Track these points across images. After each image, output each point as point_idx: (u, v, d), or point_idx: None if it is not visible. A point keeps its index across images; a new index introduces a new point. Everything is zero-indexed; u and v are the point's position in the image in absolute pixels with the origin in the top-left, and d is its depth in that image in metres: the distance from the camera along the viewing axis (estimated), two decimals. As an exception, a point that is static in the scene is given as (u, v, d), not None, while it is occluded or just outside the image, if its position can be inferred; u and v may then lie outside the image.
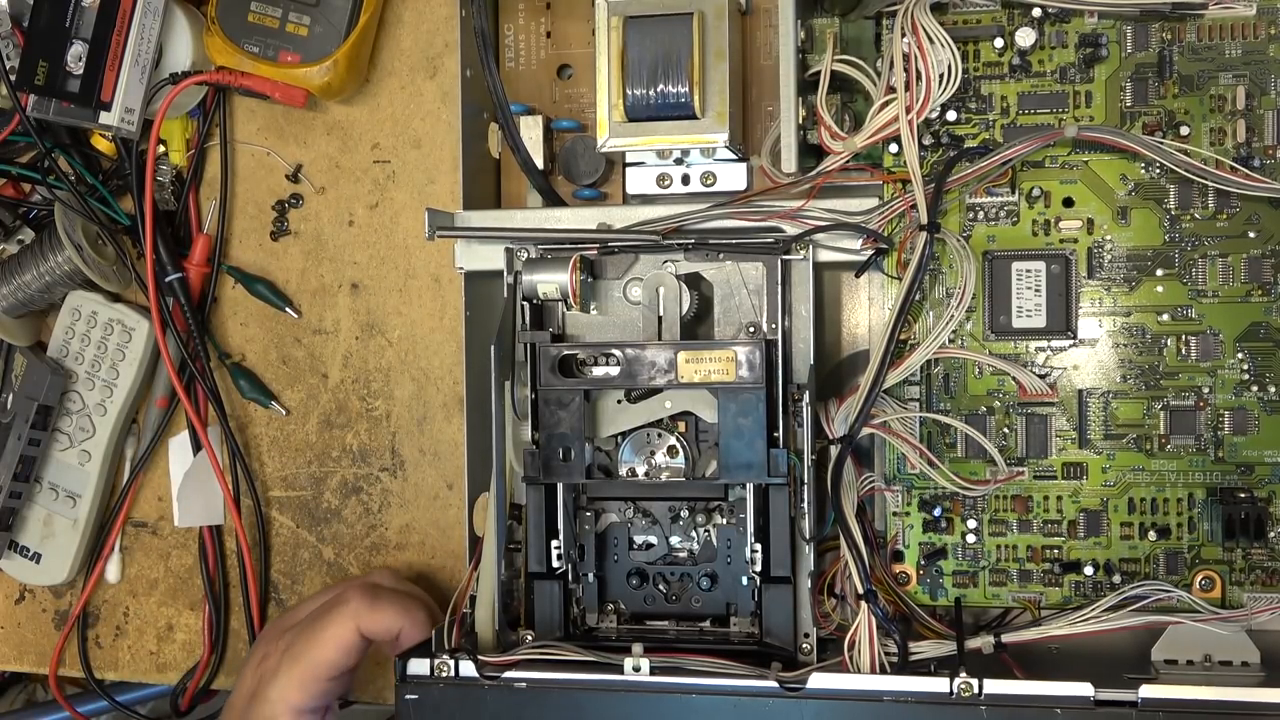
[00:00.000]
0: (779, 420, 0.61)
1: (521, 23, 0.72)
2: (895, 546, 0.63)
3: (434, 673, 0.59)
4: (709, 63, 0.62)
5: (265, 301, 0.77)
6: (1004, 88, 0.62)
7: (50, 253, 0.76)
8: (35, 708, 0.92)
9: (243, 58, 0.72)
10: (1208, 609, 0.58)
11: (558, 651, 0.60)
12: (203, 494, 0.77)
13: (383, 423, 0.77)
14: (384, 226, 0.76)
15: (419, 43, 0.75)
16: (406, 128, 0.76)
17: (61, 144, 0.76)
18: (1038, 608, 0.62)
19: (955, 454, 0.62)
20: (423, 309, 0.76)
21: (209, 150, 0.78)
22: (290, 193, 0.78)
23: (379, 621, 0.66)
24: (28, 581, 0.82)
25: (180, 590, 0.80)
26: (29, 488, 0.79)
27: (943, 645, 0.59)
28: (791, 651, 0.61)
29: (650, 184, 0.67)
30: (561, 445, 0.62)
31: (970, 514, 0.62)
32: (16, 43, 0.72)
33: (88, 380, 0.78)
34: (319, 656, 0.66)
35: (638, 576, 0.65)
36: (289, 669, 0.66)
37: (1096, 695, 0.53)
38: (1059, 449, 0.61)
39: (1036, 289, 0.61)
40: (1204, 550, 0.60)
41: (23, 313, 0.79)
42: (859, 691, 0.55)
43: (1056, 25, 0.61)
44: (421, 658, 0.59)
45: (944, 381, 0.62)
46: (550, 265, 0.63)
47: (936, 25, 0.59)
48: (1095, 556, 0.61)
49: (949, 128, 0.62)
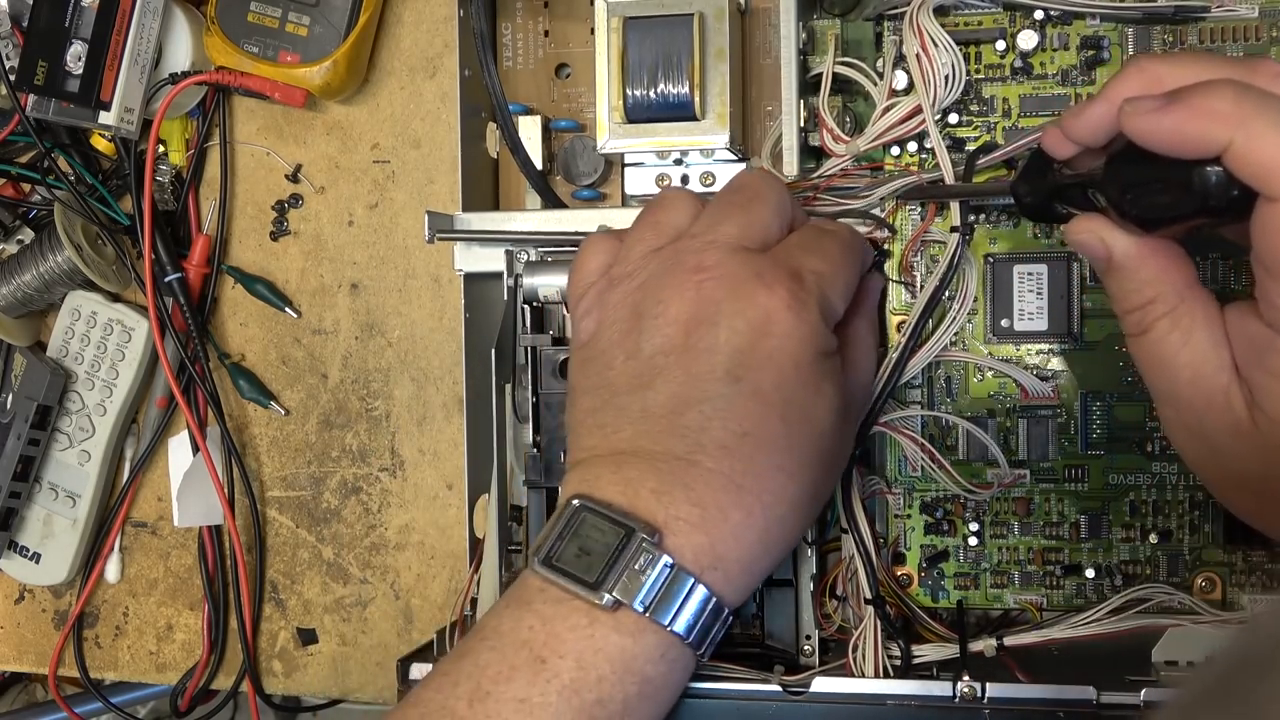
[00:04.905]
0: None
1: (519, 22, 0.72)
2: (897, 549, 0.63)
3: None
4: (709, 63, 0.62)
5: (265, 301, 0.77)
6: (1006, 90, 0.62)
7: (50, 253, 0.76)
8: (35, 708, 0.92)
9: (242, 58, 0.72)
10: (1209, 611, 0.58)
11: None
12: (202, 494, 0.77)
13: (382, 423, 0.76)
14: (384, 226, 0.76)
15: (418, 43, 0.75)
16: (406, 128, 0.76)
17: (61, 144, 0.76)
18: (1039, 610, 0.62)
19: (957, 456, 0.62)
20: (422, 309, 0.76)
21: (209, 150, 0.78)
22: (290, 193, 0.77)
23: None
24: (27, 581, 0.82)
25: (180, 590, 0.80)
26: (29, 488, 0.79)
27: (945, 648, 0.59)
28: (794, 654, 0.61)
29: (649, 184, 0.67)
30: (563, 448, 0.62)
31: (972, 516, 0.62)
32: (16, 43, 0.72)
33: (87, 380, 0.78)
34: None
35: (639, 578, 0.65)
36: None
37: (1099, 698, 0.53)
38: (1060, 451, 0.61)
39: (1038, 292, 0.61)
40: (1205, 553, 0.60)
41: (22, 313, 0.79)
42: (862, 695, 0.55)
43: (1058, 28, 0.61)
44: (423, 662, 0.59)
45: (945, 384, 0.62)
46: (551, 268, 0.63)
47: (939, 29, 0.59)
48: (1097, 559, 0.61)
49: (951, 130, 0.62)
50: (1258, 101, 0.42)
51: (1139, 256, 0.48)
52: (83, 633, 0.82)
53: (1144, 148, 0.45)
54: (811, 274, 0.51)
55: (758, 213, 0.53)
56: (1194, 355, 0.47)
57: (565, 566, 0.48)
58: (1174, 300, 0.47)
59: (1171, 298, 0.47)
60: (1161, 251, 0.48)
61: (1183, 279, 0.47)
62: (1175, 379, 0.47)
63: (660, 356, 0.50)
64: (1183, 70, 0.45)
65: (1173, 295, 0.47)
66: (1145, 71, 0.46)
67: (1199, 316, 0.47)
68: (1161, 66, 0.46)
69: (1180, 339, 0.47)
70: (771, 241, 0.53)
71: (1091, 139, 0.48)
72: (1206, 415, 0.47)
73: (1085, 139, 0.49)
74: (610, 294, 0.53)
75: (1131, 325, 0.49)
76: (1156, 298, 0.47)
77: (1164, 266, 0.47)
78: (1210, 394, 0.46)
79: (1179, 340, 0.47)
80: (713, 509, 0.48)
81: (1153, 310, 0.47)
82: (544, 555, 0.49)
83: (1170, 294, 0.47)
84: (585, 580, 0.47)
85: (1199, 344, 0.47)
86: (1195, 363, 0.47)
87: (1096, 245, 0.48)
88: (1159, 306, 0.47)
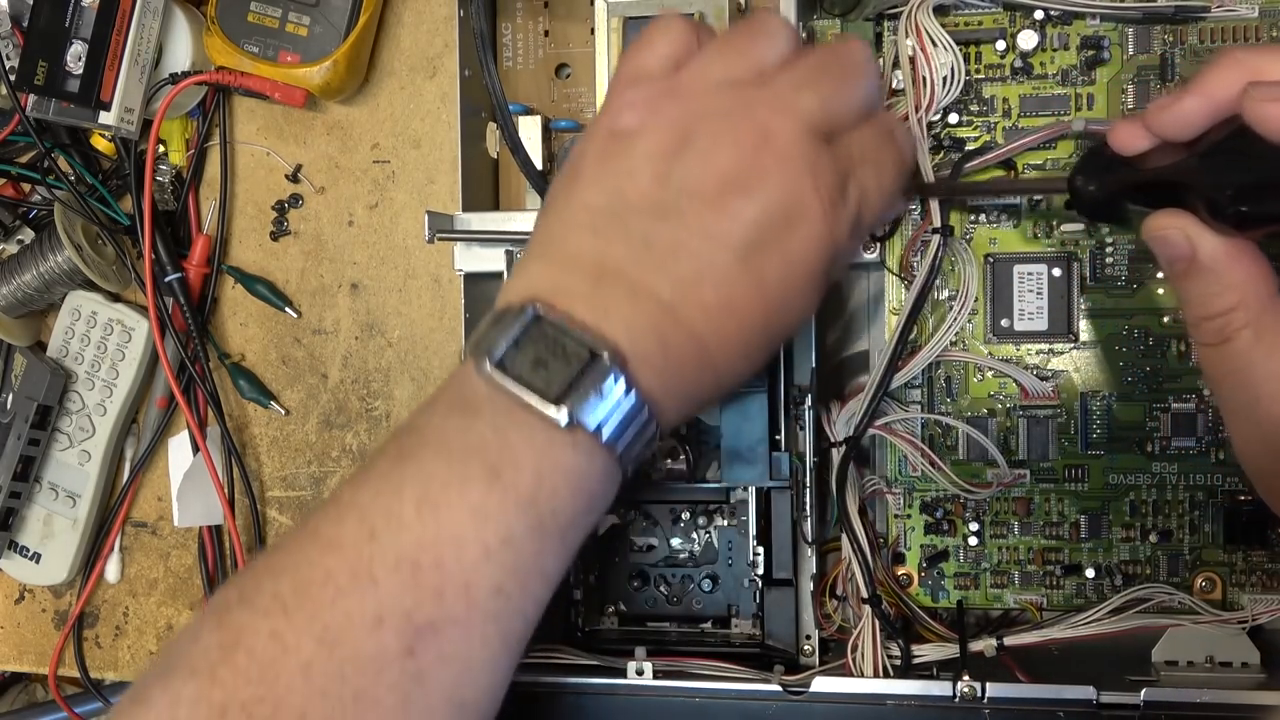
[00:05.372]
0: (780, 423, 0.61)
1: (519, 22, 0.72)
2: (897, 549, 0.63)
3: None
4: (710, 64, 0.62)
5: (265, 301, 0.77)
6: (1006, 90, 0.62)
7: (50, 253, 0.76)
8: (35, 708, 0.92)
9: (242, 58, 0.72)
10: (1209, 611, 0.58)
11: (559, 655, 0.60)
12: (202, 494, 0.77)
13: (382, 423, 0.76)
14: (384, 227, 0.76)
15: (418, 43, 0.75)
16: (406, 128, 0.76)
17: (61, 144, 0.76)
18: (1039, 610, 0.62)
19: (956, 456, 0.62)
20: (422, 309, 0.76)
21: (209, 150, 0.78)
22: (290, 193, 0.77)
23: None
24: (27, 581, 0.82)
25: (180, 590, 0.80)
26: (29, 488, 0.79)
27: (945, 648, 0.59)
28: (793, 654, 0.62)
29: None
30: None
31: (972, 516, 0.62)
32: (16, 43, 0.72)
33: (87, 380, 0.78)
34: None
35: (639, 578, 0.65)
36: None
37: (1099, 698, 0.54)
38: (1060, 451, 0.61)
39: (1038, 292, 0.61)
40: (1205, 553, 0.60)
41: (22, 313, 0.79)
42: (862, 695, 0.56)
43: (1058, 28, 0.61)
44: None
45: (945, 384, 0.62)
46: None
47: (939, 28, 0.59)
48: (1097, 559, 0.61)
49: (950, 130, 0.62)
50: None
51: (1227, 258, 0.45)
52: (83, 633, 0.82)
53: (1257, 140, 0.43)
54: (858, 189, 0.48)
55: (846, 95, 0.49)
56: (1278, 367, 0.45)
57: (523, 376, 0.45)
58: (1258, 309, 0.45)
59: (1255, 306, 0.45)
60: (1249, 255, 0.45)
61: (1268, 287, 0.45)
62: (1257, 393, 0.45)
63: (687, 197, 0.47)
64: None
65: (1256, 303, 0.45)
66: (1243, 64, 0.44)
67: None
68: (1260, 59, 0.43)
69: (1265, 351, 0.45)
70: (847, 127, 0.49)
71: (1181, 133, 0.46)
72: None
73: (1173, 133, 0.46)
74: (667, 103, 0.48)
75: (1209, 334, 0.46)
76: (1239, 304, 0.45)
77: (1250, 271, 0.45)
78: None
79: (1264, 352, 0.45)
80: (674, 361, 0.46)
81: (1236, 318, 0.45)
82: (495, 359, 0.45)
83: (1254, 301, 0.45)
84: (545, 393, 0.44)
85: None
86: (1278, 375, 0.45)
87: (1182, 242, 0.46)
88: (1242, 314, 0.45)
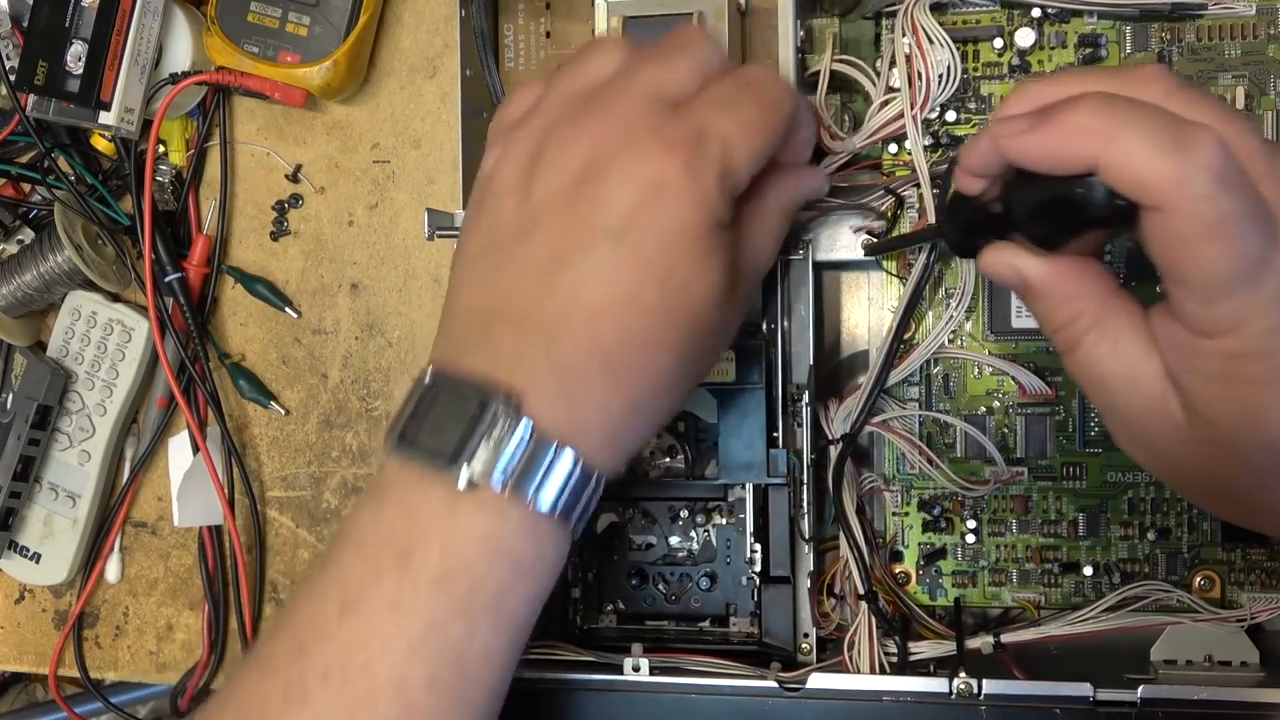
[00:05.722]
0: (778, 420, 0.61)
1: (521, 22, 0.72)
2: (894, 546, 0.63)
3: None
4: (708, 63, 0.62)
5: (265, 301, 0.77)
6: (1003, 88, 0.62)
7: (50, 253, 0.76)
8: (35, 708, 0.92)
9: (242, 58, 0.72)
10: (1207, 609, 0.58)
11: (556, 651, 0.60)
12: (202, 494, 0.77)
13: (382, 423, 0.77)
14: (384, 226, 0.76)
15: (418, 43, 0.75)
16: (406, 128, 0.76)
17: (61, 144, 0.76)
18: (1037, 608, 0.62)
19: (954, 454, 0.62)
20: (423, 309, 0.76)
21: (209, 150, 0.78)
22: (290, 193, 0.78)
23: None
24: (27, 581, 0.82)
25: (180, 590, 0.80)
26: (29, 488, 0.79)
27: (942, 645, 0.59)
28: (791, 651, 0.62)
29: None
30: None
31: (970, 514, 0.62)
32: (16, 43, 0.72)
33: (87, 380, 0.78)
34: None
35: (637, 576, 0.65)
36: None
37: (1096, 695, 0.53)
38: (1059, 449, 0.61)
39: (1036, 289, 0.61)
40: (1204, 551, 0.60)
41: (22, 313, 0.79)
42: (858, 691, 0.55)
43: (1056, 25, 0.61)
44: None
45: (943, 381, 0.62)
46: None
47: (936, 25, 0.59)
48: (1095, 557, 0.61)
49: (949, 128, 0.62)
50: (1125, 113, 0.41)
51: (1053, 276, 0.46)
52: (83, 633, 0.82)
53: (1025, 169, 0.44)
54: (717, 137, 0.47)
55: (677, 64, 0.49)
56: (1125, 363, 0.46)
57: (420, 444, 0.45)
58: (1096, 312, 0.46)
59: (1093, 310, 0.46)
60: (1075, 267, 0.47)
61: (1102, 289, 0.46)
62: (1112, 390, 0.47)
63: (548, 206, 0.47)
64: (1059, 88, 0.44)
65: (1094, 308, 0.46)
66: (1026, 93, 0.45)
67: (1124, 324, 0.46)
68: (1041, 86, 0.45)
69: (1109, 349, 0.46)
70: (689, 95, 0.49)
71: (985, 169, 0.47)
72: (1146, 422, 0.46)
73: (980, 170, 0.47)
74: (517, 132, 0.50)
75: (1061, 344, 0.48)
76: (1078, 313, 0.46)
77: (1079, 281, 0.46)
78: (1147, 401, 0.45)
79: (1108, 350, 0.46)
80: (574, 379, 0.45)
81: (1077, 325, 0.46)
82: (397, 435, 0.46)
83: (1091, 307, 0.46)
84: (441, 455, 0.44)
85: (1128, 351, 0.46)
86: (1127, 371, 0.46)
87: (1008, 273, 0.47)
88: (1082, 321, 0.46)
